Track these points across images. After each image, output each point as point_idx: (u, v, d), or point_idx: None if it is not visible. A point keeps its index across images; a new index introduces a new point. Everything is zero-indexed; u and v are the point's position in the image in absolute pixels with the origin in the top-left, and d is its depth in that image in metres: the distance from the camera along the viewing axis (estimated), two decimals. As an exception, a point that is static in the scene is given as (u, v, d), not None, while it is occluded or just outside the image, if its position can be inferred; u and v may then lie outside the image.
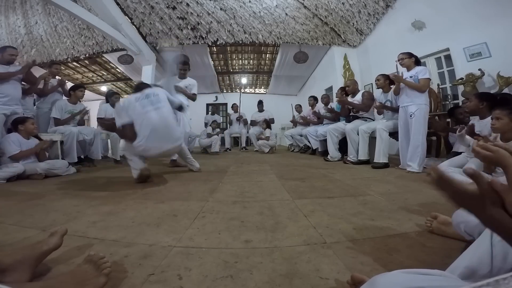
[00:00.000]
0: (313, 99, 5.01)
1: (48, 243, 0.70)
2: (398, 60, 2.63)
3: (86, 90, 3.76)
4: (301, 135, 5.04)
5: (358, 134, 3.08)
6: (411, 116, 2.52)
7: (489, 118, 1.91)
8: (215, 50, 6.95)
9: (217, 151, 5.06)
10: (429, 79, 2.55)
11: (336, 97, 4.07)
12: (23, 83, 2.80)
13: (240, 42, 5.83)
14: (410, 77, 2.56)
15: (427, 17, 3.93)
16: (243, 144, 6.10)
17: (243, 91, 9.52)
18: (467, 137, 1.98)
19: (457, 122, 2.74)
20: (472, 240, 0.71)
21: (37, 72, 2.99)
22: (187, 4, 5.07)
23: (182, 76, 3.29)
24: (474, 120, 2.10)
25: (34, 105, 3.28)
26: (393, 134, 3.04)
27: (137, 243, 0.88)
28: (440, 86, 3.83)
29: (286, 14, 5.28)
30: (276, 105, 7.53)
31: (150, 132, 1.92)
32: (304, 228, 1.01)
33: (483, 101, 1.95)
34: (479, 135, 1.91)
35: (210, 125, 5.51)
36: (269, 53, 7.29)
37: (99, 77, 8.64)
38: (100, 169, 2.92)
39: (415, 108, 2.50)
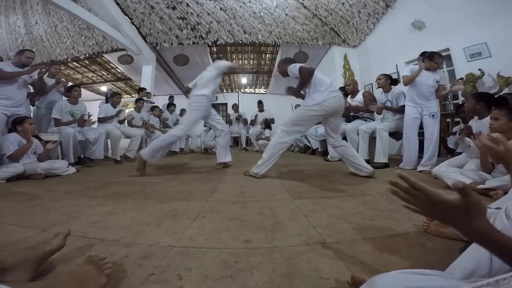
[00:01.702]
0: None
1: (50, 244, 0.71)
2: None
3: (86, 90, 3.78)
4: (301, 136, 5.04)
5: (358, 134, 3.08)
6: (434, 116, 2.52)
7: (487, 118, 1.91)
8: (215, 50, 6.95)
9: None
10: None
11: None
12: (30, 86, 2.82)
13: (240, 42, 5.83)
14: (437, 81, 2.52)
15: (427, 17, 3.93)
16: (243, 144, 6.10)
17: (242, 91, 9.55)
18: (466, 138, 1.99)
19: (462, 120, 2.75)
20: (471, 241, 0.71)
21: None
22: (187, 4, 5.07)
23: None
24: (473, 120, 2.10)
25: (34, 105, 3.28)
26: (393, 134, 3.04)
27: (137, 243, 0.88)
28: (440, 86, 3.84)
29: (286, 14, 5.29)
30: (276, 105, 7.53)
31: None
32: (304, 228, 1.01)
33: (479, 102, 1.95)
34: (474, 134, 1.92)
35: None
36: (269, 53, 7.29)
37: (99, 77, 8.64)
38: (100, 169, 2.92)
39: (437, 109, 2.53)
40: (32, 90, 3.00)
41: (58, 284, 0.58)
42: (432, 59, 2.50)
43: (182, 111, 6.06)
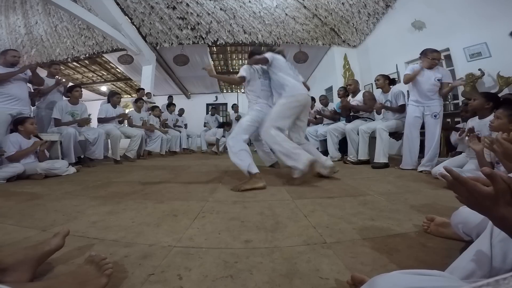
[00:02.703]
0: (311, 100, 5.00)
1: (50, 243, 0.70)
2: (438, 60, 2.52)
3: (86, 90, 3.77)
4: (301, 135, 5.03)
5: (358, 134, 3.08)
6: (436, 116, 2.50)
7: (488, 118, 1.91)
8: (215, 50, 6.95)
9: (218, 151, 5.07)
10: None
11: (339, 96, 4.07)
12: (29, 85, 2.83)
13: (240, 42, 5.83)
14: (438, 79, 2.49)
15: (427, 17, 3.93)
16: (243, 144, 6.08)
17: (242, 91, 9.55)
18: (467, 138, 1.99)
19: (463, 119, 2.76)
20: (471, 241, 0.71)
21: (40, 73, 3.02)
22: (187, 4, 5.07)
23: None
24: (473, 119, 2.09)
25: (34, 105, 3.28)
26: (393, 134, 3.04)
27: (137, 243, 0.88)
28: (440, 86, 3.84)
29: (286, 14, 5.29)
30: (276, 105, 7.52)
31: None
32: (304, 228, 1.01)
33: (489, 101, 1.94)
34: (478, 136, 1.91)
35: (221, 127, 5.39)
36: (269, 53, 7.28)
37: (99, 77, 8.64)
38: (100, 169, 2.92)
39: (439, 109, 2.51)
40: (32, 90, 3.01)
41: (59, 285, 0.58)
42: (426, 56, 2.51)
43: (181, 111, 6.04)
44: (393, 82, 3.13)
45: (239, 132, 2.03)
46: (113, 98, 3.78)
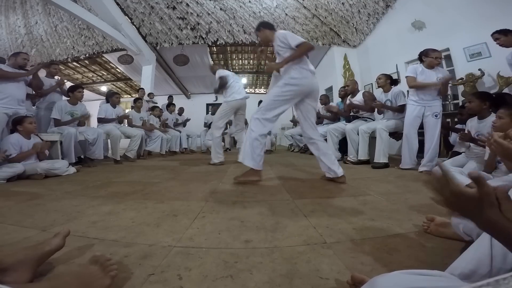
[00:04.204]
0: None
1: (50, 244, 0.70)
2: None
3: (86, 90, 3.77)
4: (301, 135, 5.05)
5: (358, 134, 3.08)
6: (436, 116, 2.50)
7: (488, 118, 1.91)
8: (215, 50, 6.95)
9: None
10: None
11: (339, 96, 4.07)
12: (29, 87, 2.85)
13: (240, 42, 5.83)
14: (440, 79, 2.49)
15: (427, 17, 3.93)
16: (243, 144, 6.08)
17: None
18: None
19: (460, 121, 2.76)
20: (471, 241, 0.71)
21: (40, 73, 3.03)
22: (187, 4, 5.08)
23: None
24: (473, 120, 2.09)
25: (34, 105, 3.28)
26: (393, 134, 3.04)
27: (137, 243, 0.88)
28: (440, 86, 3.83)
29: (286, 14, 5.29)
30: (276, 105, 7.51)
31: None
32: (304, 228, 1.01)
33: (485, 101, 1.94)
34: (476, 138, 1.92)
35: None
36: (269, 53, 7.28)
37: (99, 77, 8.65)
38: (100, 169, 2.92)
39: (440, 108, 2.51)
40: (32, 92, 3.02)
41: (62, 285, 0.58)
42: (427, 55, 2.53)
43: (180, 110, 6.01)
44: (395, 82, 3.13)
45: None
46: (112, 98, 3.78)
